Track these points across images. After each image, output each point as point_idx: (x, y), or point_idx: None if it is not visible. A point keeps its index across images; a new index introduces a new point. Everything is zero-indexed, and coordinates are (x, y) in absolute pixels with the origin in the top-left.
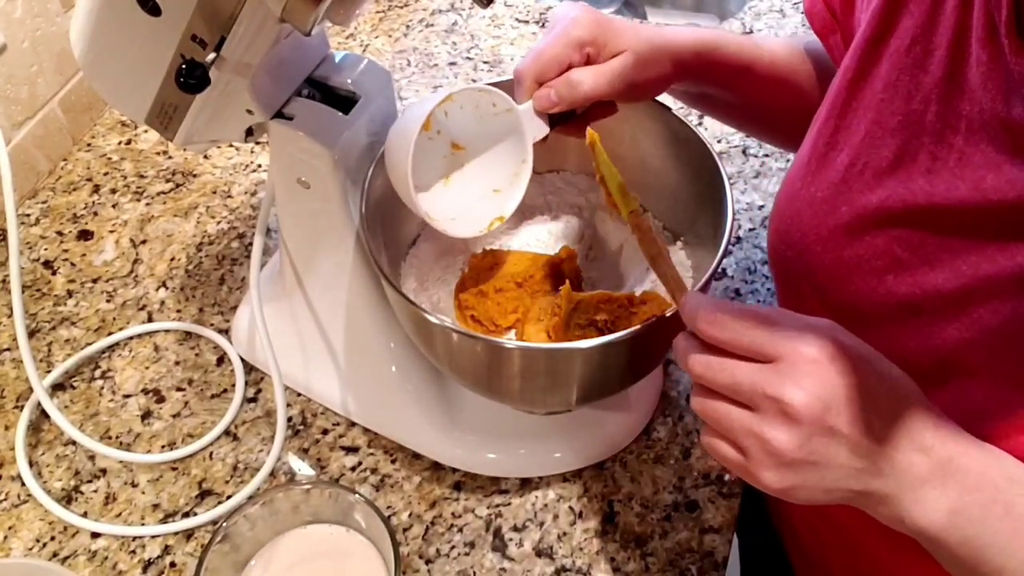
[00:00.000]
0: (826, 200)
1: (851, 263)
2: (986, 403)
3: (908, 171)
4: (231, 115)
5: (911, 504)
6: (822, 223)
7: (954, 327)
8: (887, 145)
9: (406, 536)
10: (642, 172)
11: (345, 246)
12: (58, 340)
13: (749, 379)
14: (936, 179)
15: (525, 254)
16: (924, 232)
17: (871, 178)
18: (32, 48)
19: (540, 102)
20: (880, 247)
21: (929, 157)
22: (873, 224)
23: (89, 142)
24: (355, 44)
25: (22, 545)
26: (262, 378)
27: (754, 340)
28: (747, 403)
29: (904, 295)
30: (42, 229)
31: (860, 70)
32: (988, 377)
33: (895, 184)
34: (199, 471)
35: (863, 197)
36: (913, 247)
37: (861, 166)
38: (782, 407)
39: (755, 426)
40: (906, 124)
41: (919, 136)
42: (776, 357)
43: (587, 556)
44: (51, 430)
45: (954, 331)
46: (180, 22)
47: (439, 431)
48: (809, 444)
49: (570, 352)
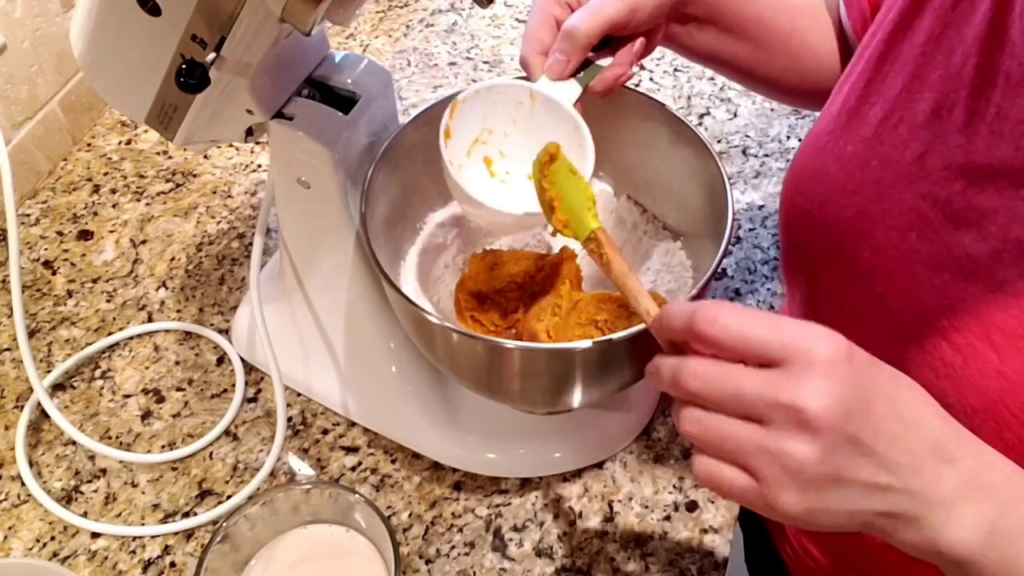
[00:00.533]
0: (856, 154)
1: (875, 218)
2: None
3: (944, 126)
4: (231, 115)
5: (944, 524)
6: (849, 177)
7: (975, 287)
8: (924, 99)
9: (406, 536)
10: (642, 172)
11: (345, 246)
12: (58, 340)
13: (757, 387)
14: (974, 135)
15: (525, 254)
16: (953, 190)
17: (906, 132)
18: (32, 48)
19: (552, 69)
20: (907, 203)
21: (966, 112)
22: (903, 179)
23: (89, 142)
24: (355, 44)
25: (22, 545)
26: (262, 378)
27: (761, 339)
28: (755, 417)
29: (927, 253)
30: (42, 229)
31: (902, 24)
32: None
33: (930, 139)
34: (199, 471)
35: (895, 152)
36: (941, 205)
37: (896, 120)
38: (799, 415)
39: (769, 441)
40: (945, 78)
41: (957, 90)
42: (785, 359)
43: (587, 556)
44: (51, 430)
45: (975, 291)
46: (180, 22)
47: (439, 431)
48: (833, 456)
49: (570, 352)
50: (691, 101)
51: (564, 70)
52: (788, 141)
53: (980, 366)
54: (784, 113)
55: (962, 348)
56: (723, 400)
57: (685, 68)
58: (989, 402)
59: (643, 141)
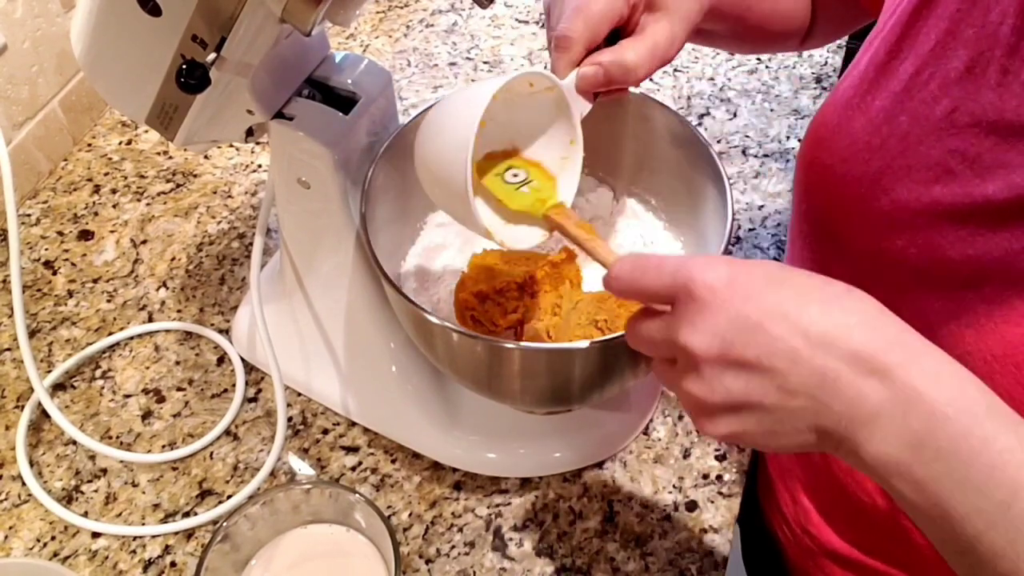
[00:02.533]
0: (884, 108)
1: (899, 172)
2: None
3: (977, 84)
4: (231, 115)
5: (868, 435)
6: (876, 132)
7: (1000, 236)
8: (958, 56)
9: (406, 536)
10: (642, 172)
11: (345, 246)
12: (58, 340)
13: (657, 335)
14: (1006, 93)
15: (525, 254)
16: (983, 147)
17: (936, 88)
18: (33, 48)
19: (586, 81)
20: (934, 158)
21: (1000, 71)
22: (932, 135)
23: (90, 142)
24: (355, 44)
25: (23, 545)
26: (262, 378)
27: (650, 284)
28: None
29: (949, 204)
30: (43, 229)
31: None
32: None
33: (962, 96)
34: (199, 471)
35: (926, 107)
36: (968, 160)
37: (927, 76)
38: (686, 353)
39: (677, 380)
40: (981, 36)
41: (992, 48)
42: (675, 298)
43: (587, 556)
44: (51, 430)
45: (1000, 240)
46: (180, 22)
47: (439, 431)
48: (722, 386)
49: (570, 352)
50: (691, 101)
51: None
52: (788, 141)
53: (1004, 313)
54: (784, 113)
55: (987, 296)
56: (648, 349)
57: (685, 68)
58: (1010, 350)
59: (643, 141)
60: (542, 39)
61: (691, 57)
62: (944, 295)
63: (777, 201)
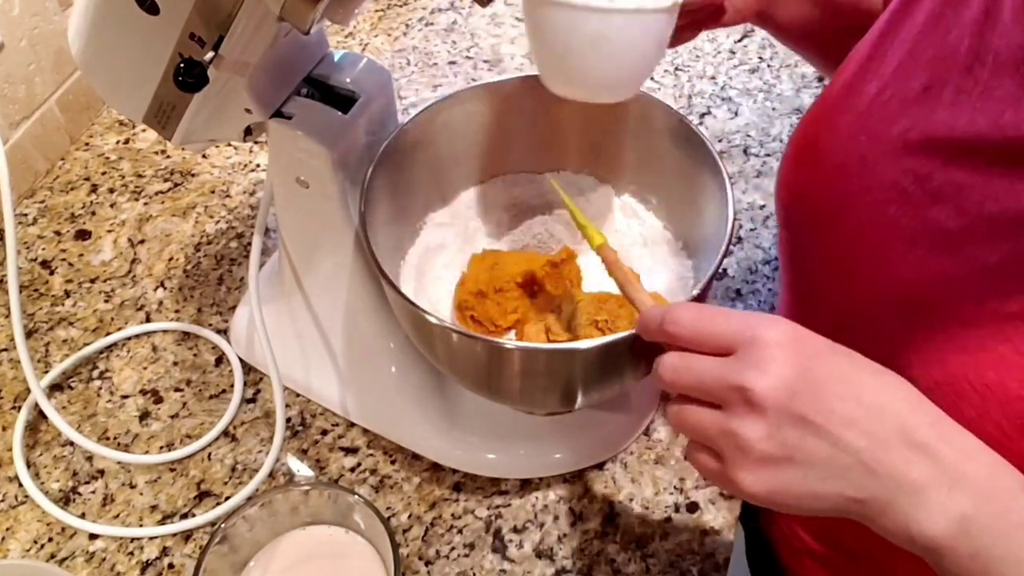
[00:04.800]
0: (848, 127)
1: (857, 193)
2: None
3: (932, 103)
4: (230, 114)
5: (914, 510)
6: (839, 151)
7: (948, 262)
8: (918, 77)
9: (406, 537)
10: (642, 172)
11: (344, 246)
12: (56, 340)
13: (713, 373)
14: (958, 111)
15: (525, 254)
16: (934, 165)
17: (896, 108)
18: (30, 47)
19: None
20: (889, 178)
21: (954, 90)
22: (888, 155)
23: (87, 141)
24: (354, 43)
25: (20, 546)
26: (261, 378)
27: (715, 330)
28: (716, 401)
29: (904, 227)
30: (40, 229)
31: (905, 3)
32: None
33: (917, 115)
34: (197, 472)
35: (884, 126)
36: (920, 180)
37: (888, 96)
38: (747, 396)
39: (724, 422)
40: (940, 57)
41: (949, 69)
42: (738, 345)
43: (587, 557)
44: (49, 431)
45: (947, 266)
46: (178, 20)
47: (439, 432)
48: (779, 434)
49: (570, 352)
50: (692, 101)
51: None
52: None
53: (945, 341)
54: (785, 113)
55: (933, 322)
56: (690, 388)
57: (686, 67)
58: (950, 375)
59: (644, 141)
60: None
61: (692, 56)
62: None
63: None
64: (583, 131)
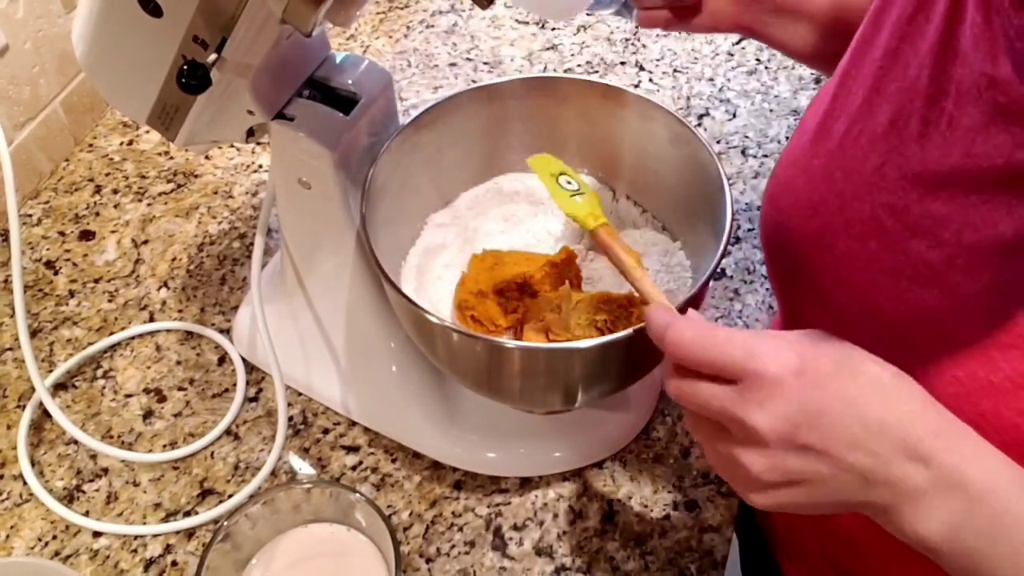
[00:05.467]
0: (822, 167)
1: (837, 229)
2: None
3: (901, 137)
4: (232, 116)
5: (913, 516)
6: (815, 190)
7: (932, 294)
8: (883, 111)
9: (407, 535)
10: (641, 172)
11: (346, 246)
12: (60, 340)
13: (717, 402)
14: (928, 144)
15: (525, 254)
16: (910, 199)
17: (866, 144)
18: (34, 49)
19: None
20: (867, 213)
21: (921, 122)
22: (864, 190)
23: (91, 143)
24: (356, 45)
25: (24, 544)
26: (263, 378)
27: (716, 360)
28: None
29: (886, 261)
30: (44, 229)
31: (864, 39)
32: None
33: (888, 150)
34: (200, 470)
35: (857, 163)
36: (898, 213)
37: (856, 132)
38: (748, 432)
39: (730, 450)
40: (902, 90)
41: (912, 101)
42: (740, 377)
43: (587, 555)
44: (53, 429)
45: (931, 297)
46: (181, 23)
47: (439, 430)
48: (784, 465)
49: (570, 352)
50: (690, 102)
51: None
52: (787, 142)
53: (937, 370)
54: (783, 114)
55: (921, 354)
56: (695, 408)
57: (684, 69)
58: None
59: (642, 142)
60: (542, 40)
61: (691, 58)
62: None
63: None
64: (583, 132)
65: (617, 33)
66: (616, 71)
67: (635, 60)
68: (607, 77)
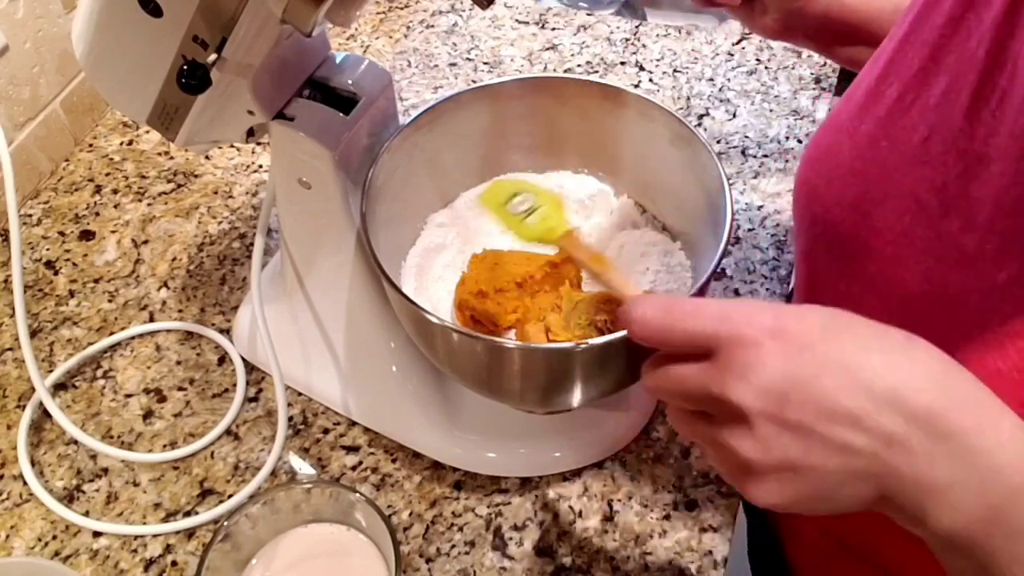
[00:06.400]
0: (868, 134)
1: (875, 199)
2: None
3: (950, 110)
4: (232, 116)
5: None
6: (859, 156)
7: (957, 275)
8: (938, 83)
9: (407, 535)
10: (642, 172)
11: (346, 246)
12: (60, 340)
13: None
14: (976, 121)
15: (525, 254)
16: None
17: (916, 115)
18: (34, 49)
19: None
20: (907, 187)
21: (971, 96)
22: (907, 162)
23: (91, 143)
24: (356, 45)
25: (24, 544)
26: (263, 378)
27: (686, 331)
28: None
29: (918, 237)
30: (44, 229)
31: (928, 4)
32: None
33: (936, 123)
34: (200, 470)
35: (904, 134)
36: (936, 190)
37: (909, 101)
38: (731, 410)
39: (716, 436)
40: (959, 61)
41: (967, 74)
42: (713, 347)
43: (587, 555)
44: (53, 429)
45: (956, 279)
46: (181, 23)
47: (439, 431)
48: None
49: (570, 352)
50: (690, 102)
51: None
52: (787, 142)
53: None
54: (783, 114)
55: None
56: (675, 397)
57: (684, 69)
58: None
59: (643, 142)
60: (542, 40)
61: (691, 58)
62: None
63: (776, 201)
64: (582, 132)
65: (617, 33)
66: (616, 71)
67: (635, 60)
68: (607, 77)
